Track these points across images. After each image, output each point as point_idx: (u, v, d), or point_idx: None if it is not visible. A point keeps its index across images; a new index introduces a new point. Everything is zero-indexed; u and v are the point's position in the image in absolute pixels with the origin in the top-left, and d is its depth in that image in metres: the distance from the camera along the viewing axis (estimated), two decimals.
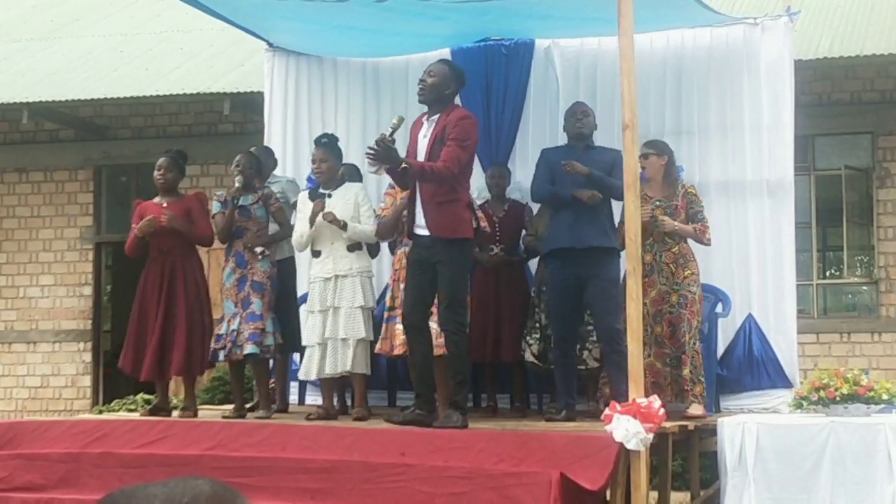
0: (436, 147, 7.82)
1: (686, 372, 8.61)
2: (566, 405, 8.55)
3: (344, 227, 8.61)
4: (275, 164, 10.03)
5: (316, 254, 8.80)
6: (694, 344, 8.68)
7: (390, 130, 7.86)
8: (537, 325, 9.21)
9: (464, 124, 7.88)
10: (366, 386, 8.83)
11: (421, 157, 7.89)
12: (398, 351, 8.70)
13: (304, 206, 8.90)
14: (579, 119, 8.79)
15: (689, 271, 8.81)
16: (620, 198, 7.87)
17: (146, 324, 8.88)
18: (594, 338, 8.91)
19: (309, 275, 8.97)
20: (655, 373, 8.65)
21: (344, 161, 9.18)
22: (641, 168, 8.72)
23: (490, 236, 9.26)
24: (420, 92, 8.03)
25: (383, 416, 8.32)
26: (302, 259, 9.48)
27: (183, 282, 8.89)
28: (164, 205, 9.01)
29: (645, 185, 8.67)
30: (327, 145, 8.96)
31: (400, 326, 8.40)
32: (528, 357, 9.22)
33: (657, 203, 8.83)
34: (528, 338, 9.23)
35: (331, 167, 8.88)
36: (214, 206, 9.16)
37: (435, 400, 8.10)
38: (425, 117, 8.04)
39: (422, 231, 7.93)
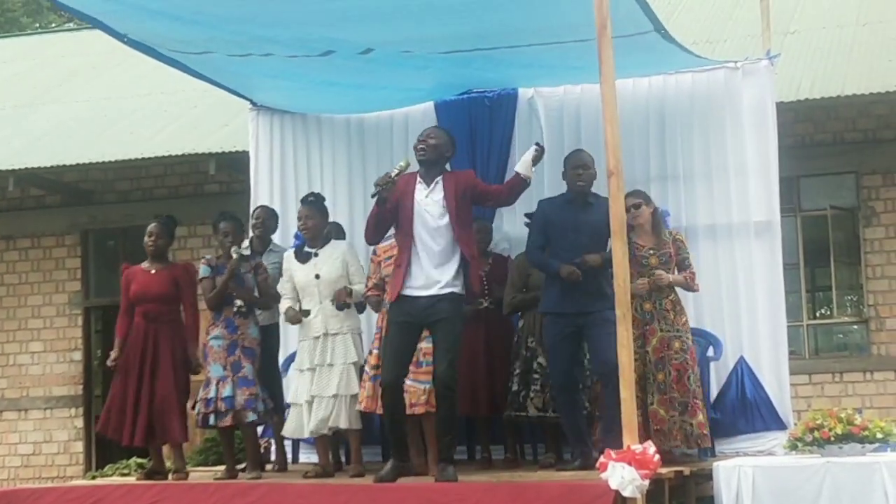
0: (461, 206, 7.91)
1: (701, 417, 8.59)
2: (582, 453, 8.42)
3: (350, 294, 8.71)
4: (276, 226, 9.99)
5: (305, 313, 8.80)
6: (695, 389, 8.68)
7: (396, 171, 7.91)
8: (536, 376, 9.05)
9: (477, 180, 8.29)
10: (360, 442, 8.84)
11: (429, 217, 7.89)
12: None
13: (290, 263, 8.91)
14: (579, 174, 8.53)
15: (684, 318, 8.85)
16: None
17: (128, 389, 8.83)
18: (589, 382, 8.87)
19: (298, 334, 8.96)
20: (660, 420, 8.60)
21: (330, 219, 9.21)
22: (633, 217, 8.69)
23: (478, 291, 9.22)
24: (422, 152, 8.01)
25: (376, 472, 8.29)
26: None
27: (169, 349, 8.84)
28: (153, 271, 8.98)
29: (633, 234, 8.60)
30: (314, 204, 8.98)
31: None
32: (532, 412, 8.98)
33: (650, 251, 8.80)
34: (529, 392, 9.02)
35: (316, 225, 8.91)
36: (202, 270, 9.08)
37: (409, 449, 8.19)
38: (418, 179, 8.02)
39: (419, 292, 7.89)
